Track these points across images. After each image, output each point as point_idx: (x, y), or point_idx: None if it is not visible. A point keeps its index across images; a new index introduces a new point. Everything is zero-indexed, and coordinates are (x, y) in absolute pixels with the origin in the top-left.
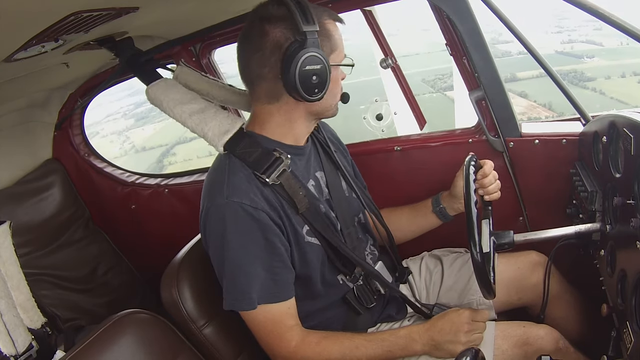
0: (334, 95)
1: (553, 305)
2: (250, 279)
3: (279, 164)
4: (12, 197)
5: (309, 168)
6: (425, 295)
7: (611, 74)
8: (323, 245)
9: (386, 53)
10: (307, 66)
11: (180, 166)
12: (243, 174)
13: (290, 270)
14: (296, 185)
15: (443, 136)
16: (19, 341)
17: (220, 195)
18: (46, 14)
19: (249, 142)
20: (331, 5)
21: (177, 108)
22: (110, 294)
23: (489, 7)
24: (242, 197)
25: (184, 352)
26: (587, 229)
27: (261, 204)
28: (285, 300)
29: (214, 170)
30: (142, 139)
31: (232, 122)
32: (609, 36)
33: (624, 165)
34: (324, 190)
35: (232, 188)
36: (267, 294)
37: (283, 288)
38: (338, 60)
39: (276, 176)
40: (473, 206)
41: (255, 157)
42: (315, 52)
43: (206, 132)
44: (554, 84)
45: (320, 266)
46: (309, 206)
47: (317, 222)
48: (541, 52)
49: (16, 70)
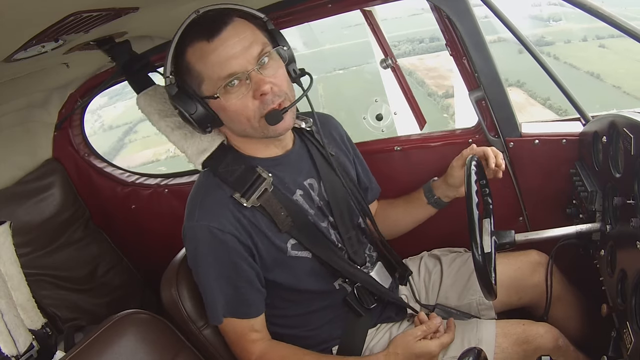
0: (238, 121)
1: (553, 305)
2: (217, 295)
3: (260, 183)
4: (12, 197)
5: (295, 177)
6: (425, 295)
7: (572, 38)
8: (314, 257)
9: (386, 53)
10: (187, 112)
11: (140, 143)
12: (218, 195)
13: (257, 291)
14: (277, 205)
15: (443, 136)
16: (20, 341)
17: (192, 217)
18: (46, 14)
19: (232, 159)
20: (331, 5)
21: (162, 122)
22: (110, 294)
23: (488, 7)
24: (211, 220)
25: (184, 352)
26: (587, 229)
27: (229, 227)
28: (249, 318)
29: (194, 188)
30: (112, 117)
31: (211, 141)
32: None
33: (624, 165)
34: (314, 198)
35: (203, 211)
36: (232, 309)
37: (249, 306)
38: (211, 88)
39: (256, 197)
40: (474, 207)
41: (237, 177)
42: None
43: (185, 149)
44: (552, 82)
45: (313, 276)
46: (293, 224)
47: (304, 237)
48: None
49: (16, 70)
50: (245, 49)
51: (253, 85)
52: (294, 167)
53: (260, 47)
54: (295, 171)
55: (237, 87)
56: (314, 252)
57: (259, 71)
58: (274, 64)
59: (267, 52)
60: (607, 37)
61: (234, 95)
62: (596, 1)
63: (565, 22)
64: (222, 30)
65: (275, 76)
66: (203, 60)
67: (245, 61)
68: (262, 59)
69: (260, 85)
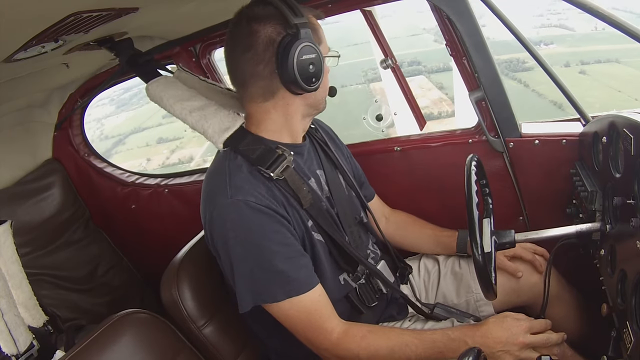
0: (325, 87)
1: (553, 305)
2: (270, 274)
3: (282, 161)
4: (13, 197)
5: (309, 166)
6: (425, 295)
7: (555, 63)
8: (327, 242)
9: (386, 54)
10: (304, 56)
11: (123, 155)
12: (245, 171)
13: (307, 257)
14: (300, 181)
15: (443, 136)
16: (20, 340)
17: (223, 196)
18: (46, 14)
19: (251, 140)
20: (331, 5)
21: (177, 105)
22: (110, 293)
23: (488, 7)
24: (246, 195)
25: (184, 352)
26: (587, 229)
27: (266, 200)
28: (311, 288)
29: (213, 172)
30: (112, 127)
31: (233, 120)
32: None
33: (624, 165)
34: (324, 187)
35: (235, 187)
36: (292, 286)
37: (306, 277)
38: (325, 52)
39: (280, 172)
40: (474, 207)
41: (259, 154)
42: (309, 42)
43: (206, 129)
44: (554, 83)
45: (326, 263)
46: (312, 202)
47: (321, 219)
48: (501, 38)
49: (16, 70)
50: None
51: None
52: (307, 158)
53: None
54: (308, 161)
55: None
56: (330, 234)
57: None
58: None
59: None
60: (592, 63)
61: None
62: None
63: (556, 45)
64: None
65: None
66: (321, 28)
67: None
68: None
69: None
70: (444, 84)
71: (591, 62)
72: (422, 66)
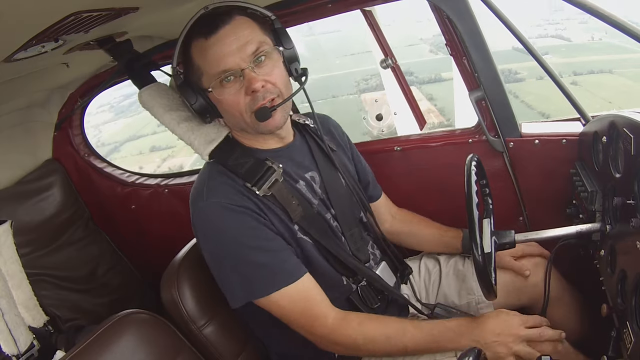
0: (232, 114)
1: (553, 305)
2: (254, 270)
3: (271, 174)
4: (13, 197)
5: (296, 169)
6: (425, 295)
7: (545, 74)
8: (320, 250)
9: (386, 53)
10: (188, 102)
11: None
12: (228, 180)
13: (291, 250)
14: (288, 194)
15: (443, 136)
16: (21, 340)
17: (200, 199)
18: (46, 14)
19: (240, 153)
20: (331, 5)
21: (166, 115)
22: (110, 294)
23: (488, 7)
24: (221, 197)
25: (184, 352)
26: (587, 229)
27: (242, 202)
28: (299, 278)
29: (199, 176)
30: (109, 134)
31: (218, 132)
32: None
33: (624, 165)
34: (317, 190)
35: (210, 190)
36: (279, 278)
37: (292, 268)
38: (208, 82)
39: (267, 187)
40: (474, 207)
41: (247, 169)
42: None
43: (192, 141)
44: (554, 83)
45: (323, 263)
46: (303, 214)
47: (313, 229)
48: (493, 49)
49: (16, 70)
50: (240, 47)
51: (245, 82)
52: (294, 160)
53: (256, 46)
54: (296, 164)
55: (232, 83)
56: (325, 245)
57: (253, 69)
58: (270, 63)
59: (263, 50)
60: (585, 73)
61: (227, 90)
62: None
63: (551, 55)
64: (220, 29)
65: (270, 74)
66: (202, 55)
67: (240, 59)
68: (258, 57)
69: (252, 82)
70: (433, 95)
71: (584, 73)
72: (414, 77)
